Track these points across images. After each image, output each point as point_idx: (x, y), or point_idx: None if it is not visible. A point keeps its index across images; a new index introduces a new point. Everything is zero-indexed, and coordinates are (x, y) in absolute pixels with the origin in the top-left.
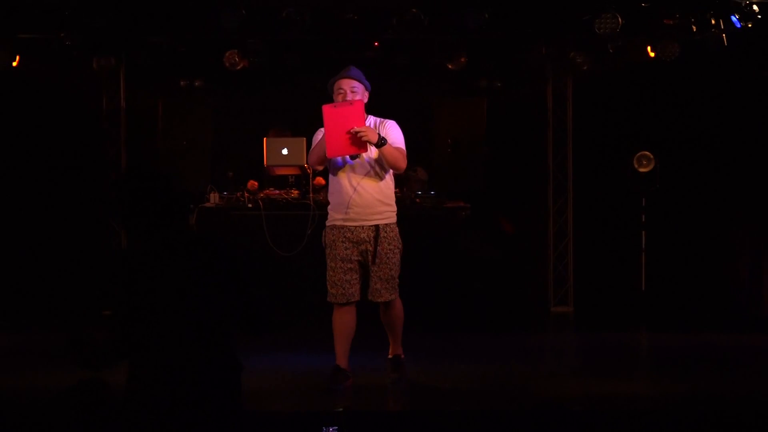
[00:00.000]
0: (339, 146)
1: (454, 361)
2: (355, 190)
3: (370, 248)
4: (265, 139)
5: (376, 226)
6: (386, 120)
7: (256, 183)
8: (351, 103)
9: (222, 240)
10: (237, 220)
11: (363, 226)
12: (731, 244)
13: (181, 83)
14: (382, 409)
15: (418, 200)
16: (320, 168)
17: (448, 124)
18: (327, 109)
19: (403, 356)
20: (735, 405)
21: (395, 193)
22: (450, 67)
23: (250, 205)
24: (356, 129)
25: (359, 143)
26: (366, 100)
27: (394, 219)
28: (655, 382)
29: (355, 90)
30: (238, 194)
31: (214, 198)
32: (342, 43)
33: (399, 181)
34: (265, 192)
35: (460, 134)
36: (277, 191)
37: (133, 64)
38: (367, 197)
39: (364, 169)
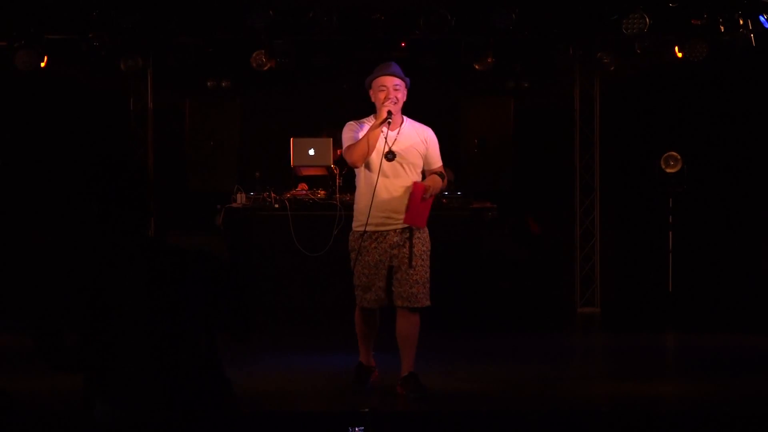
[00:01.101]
0: (416, 217)
1: (479, 361)
2: (390, 193)
3: (405, 251)
4: (291, 139)
5: (410, 228)
6: (425, 127)
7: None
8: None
9: (203, 252)
10: (263, 220)
11: (396, 230)
12: (758, 245)
13: (209, 84)
14: (408, 409)
15: (444, 201)
16: (359, 166)
17: (475, 125)
18: (417, 186)
19: (415, 372)
20: (763, 407)
21: None
22: (477, 67)
23: (276, 206)
24: (428, 195)
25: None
26: (405, 98)
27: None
28: (682, 383)
29: (398, 87)
30: (265, 194)
31: (240, 198)
32: (369, 44)
33: None
34: (291, 192)
35: (486, 134)
36: (304, 192)
37: (161, 65)
38: (402, 200)
39: (396, 171)
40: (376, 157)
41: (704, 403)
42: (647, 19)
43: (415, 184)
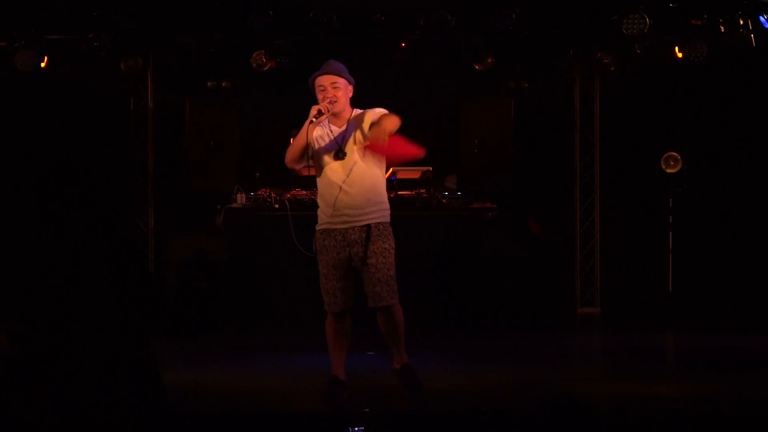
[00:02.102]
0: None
1: (479, 361)
2: (342, 189)
3: (360, 249)
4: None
5: (368, 226)
6: (368, 110)
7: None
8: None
9: (130, 250)
10: (264, 220)
11: (354, 227)
12: (758, 245)
13: (209, 84)
14: (408, 409)
15: (444, 201)
16: (298, 167)
17: (475, 125)
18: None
19: (409, 362)
20: (762, 407)
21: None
22: (477, 67)
23: (276, 206)
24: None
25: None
26: (350, 95)
27: (387, 218)
28: (682, 383)
29: (336, 86)
30: (265, 194)
31: (240, 198)
32: (369, 44)
33: (428, 182)
34: (291, 192)
35: (487, 135)
36: (304, 192)
37: (161, 65)
38: (356, 196)
39: (352, 165)
40: (327, 157)
41: (704, 403)
42: (647, 20)
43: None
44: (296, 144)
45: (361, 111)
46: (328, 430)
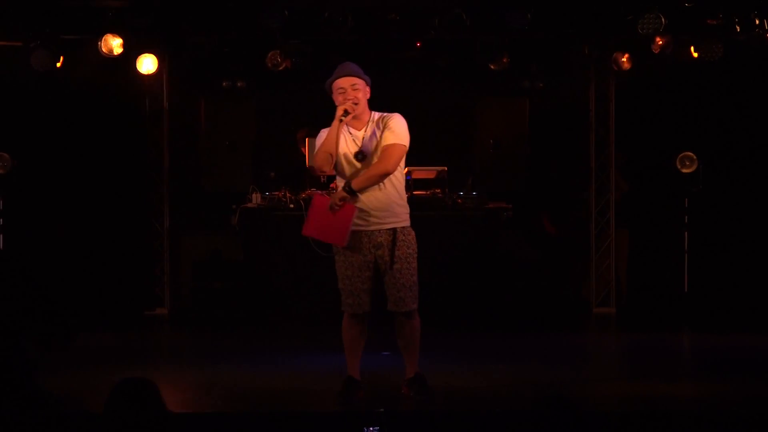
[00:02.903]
0: (317, 229)
1: (494, 361)
2: (370, 193)
3: (388, 252)
4: (307, 139)
5: (394, 230)
6: (388, 115)
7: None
8: (341, 206)
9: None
10: (279, 220)
11: (380, 230)
12: None
13: (224, 84)
14: (424, 409)
15: (459, 201)
16: (326, 171)
17: (490, 125)
18: (318, 199)
19: (421, 372)
20: None
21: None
22: (492, 67)
23: (291, 206)
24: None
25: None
26: (369, 95)
27: (408, 221)
28: (698, 384)
29: (356, 87)
30: (280, 194)
31: (256, 198)
32: (384, 44)
33: (443, 182)
34: (306, 192)
35: (502, 134)
36: (319, 191)
37: (176, 65)
38: (382, 199)
39: None
40: (345, 159)
41: (720, 403)
42: (663, 19)
43: (316, 197)
44: (326, 146)
45: (384, 114)
46: (343, 430)
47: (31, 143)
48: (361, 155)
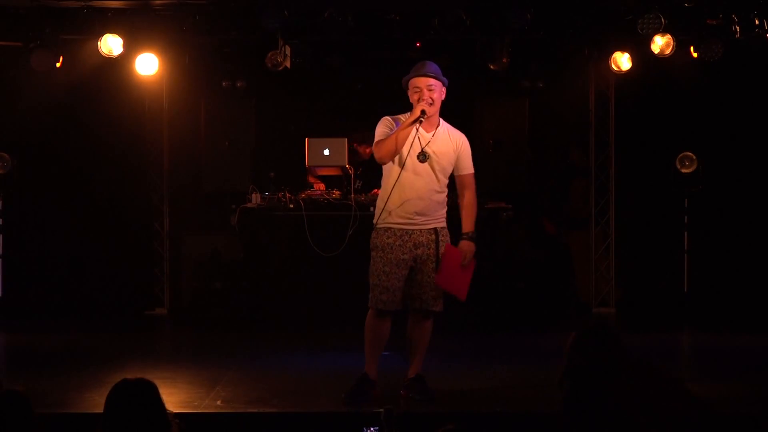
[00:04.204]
0: (448, 281)
1: (495, 361)
2: (418, 195)
3: (429, 252)
4: (306, 139)
5: (435, 229)
6: (460, 134)
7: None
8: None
9: None
10: (279, 220)
11: (423, 230)
12: None
13: (223, 84)
14: (424, 410)
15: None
16: (387, 162)
17: (490, 125)
18: (450, 250)
19: (423, 374)
20: None
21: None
22: (492, 67)
23: (291, 206)
24: (466, 262)
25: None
26: (444, 97)
27: (446, 223)
28: (698, 384)
29: (432, 88)
30: (280, 194)
31: (255, 198)
32: (384, 44)
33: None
34: (306, 193)
35: (502, 135)
36: (319, 192)
37: (176, 66)
38: (429, 201)
39: (429, 173)
40: (406, 156)
41: (721, 404)
42: (663, 19)
43: (448, 247)
44: (400, 141)
45: (453, 129)
46: (343, 430)
47: (31, 143)
48: (424, 156)
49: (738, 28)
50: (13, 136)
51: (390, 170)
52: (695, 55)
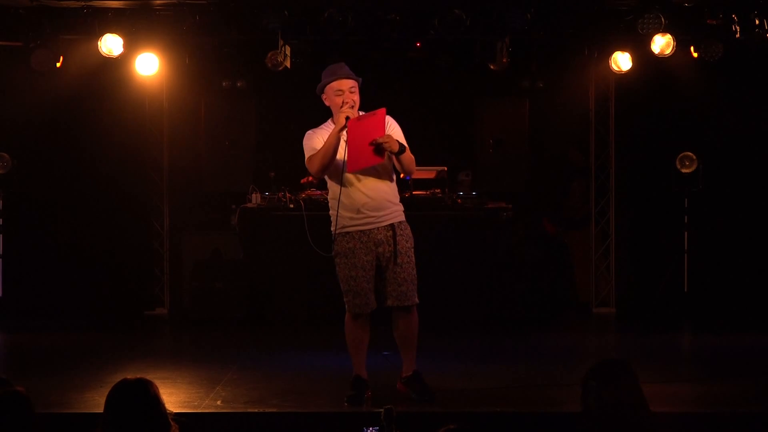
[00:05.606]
0: (360, 160)
1: (494, 362)
2: (365, 193)
3: (390, 248)
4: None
5: (392, 225)
6: (378, 112)
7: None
8: (374, 113)
9: None
10: (279, 220)
11: (380, 227)
12: None
13: (224, 84)
14: (423, 410)
15: (459, 201)
16: (321, 177)
17: (490, 125)
18: (352, 124)
19: (419, 370)
20: None
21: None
22: (492, 67)
23: (291, 206)
24: (380, 140)
25: (380, 153)
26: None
27: (404, 217)
28: (698, 383)
29: (353, 90)
30: (280, 194)
31: (255, 198)
32: (384, 44)
33: (442, 182)
34: (306, 192)
35: (502, 134)
36: (319, 192)
37: (176, 65)
38: (378, 199)
39: (370, 170)
40: (343, 162)
41: (720, 403)
42: (663, 19)
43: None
44: (328, 152)
45: (366, 115)
46: (343, 430)
47: (31, 143)
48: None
49: (738, 28)
50: (13, 136)
51: (332, 178)
52: (695, 55)
